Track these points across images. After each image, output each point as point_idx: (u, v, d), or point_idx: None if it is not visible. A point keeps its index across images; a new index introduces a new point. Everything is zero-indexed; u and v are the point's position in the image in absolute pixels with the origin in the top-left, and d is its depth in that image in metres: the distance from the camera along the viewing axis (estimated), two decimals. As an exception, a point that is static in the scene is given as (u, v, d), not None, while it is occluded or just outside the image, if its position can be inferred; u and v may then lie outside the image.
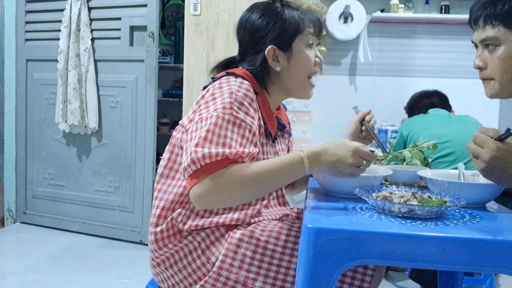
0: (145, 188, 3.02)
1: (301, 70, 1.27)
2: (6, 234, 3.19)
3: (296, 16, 1.25)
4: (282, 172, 1.06)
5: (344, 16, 3.13)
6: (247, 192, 1.06)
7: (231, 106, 1.10)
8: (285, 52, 1.25)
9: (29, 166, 3.37)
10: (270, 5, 1.28)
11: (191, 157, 1.04)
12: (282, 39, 1.24)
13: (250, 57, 1.28)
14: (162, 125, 3.73)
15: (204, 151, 1.03)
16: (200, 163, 1.03)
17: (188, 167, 1.05)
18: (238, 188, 1.05)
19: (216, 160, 1.04)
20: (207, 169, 1.04)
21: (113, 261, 2.72)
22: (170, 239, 1.17)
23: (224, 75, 1.20)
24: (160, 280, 1.23)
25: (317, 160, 1.06)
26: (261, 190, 1.09)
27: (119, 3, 3.03)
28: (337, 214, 0.97)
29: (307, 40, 1.27)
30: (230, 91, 1.13)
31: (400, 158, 1.45)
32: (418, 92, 2.67)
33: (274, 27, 1.24)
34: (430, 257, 0.83)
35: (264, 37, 1.25)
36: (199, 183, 1.04)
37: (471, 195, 1.05)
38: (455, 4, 3.24)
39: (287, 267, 1.12)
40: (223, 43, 2.64)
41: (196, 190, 1.04)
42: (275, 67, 1.25)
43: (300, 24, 1.25)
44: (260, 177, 1.05)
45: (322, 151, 1.07)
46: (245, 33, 1.29)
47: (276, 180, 1.08)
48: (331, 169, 1.07)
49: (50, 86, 3.24)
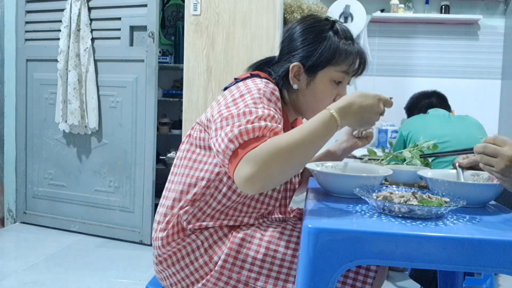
0: (145, 188, 3.02)
1: (317, 100, 1.23)
2: (6, 234, 3.20)
3: (339, 47, 1.19)
4: (318, 133, 1.03)
5: (344, 16, 3.14)
6: (292, 160, 1.00)
7: (262, 101, 1.08)
8: (308, 75, 1.21)
9: (29, 166, 3.37)
10: (321, 23, 1.23)
11: (227, 137, 1.00)
12: (309, 62, 1.20)
13: (279, 63, 1.26)
14: (162, 125, 3.73)
15: (241, 128, 1.00)
16: (238, 140, 0.99)
17: (226, 148, 1.00)
18: (284, 158, 0.98)
19: (254, 136, 1.00)
20: (247, 146, 0.99)
21: (113, 261, 2.72)
22: (173, 236, 1.17)
23: (249, 77, 1.20)
24: (162, 277, 1.24)
25: (346, 113, 1.05)
26: (304, 154, 1.02)
27: (119, 3, 3.03)
28: (337, 214, 0.97)
29: (336, 76, 1.21)
30: (258, 88, 1.11)
31: (400, 158, 1.46)
32: (417, 93, 2.68)
33: (309, 46, 1.20)
34: (430, 257, 0.83)
35: (296, 51, 1.22)
36: (242, 162, 0.98)
37: (471, 195, 1.05)
38: (455, 4, 3.25)
39: (289, 267, 1.12)
40: (223, 43, 2.64)
41: (241, 172, 0.97)
42: (293, 83, 1.23)
43: (336, 56, 1.19)
44: (300, 142, 1.00)
45: (348, 104, 1.06)
46: (285, 40, 1.27)
47: (315, 142, 1.03)
48: (359, 120, 1.07)
49: (50, 86, 3.24)
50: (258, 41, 2.61)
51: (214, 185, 1.15)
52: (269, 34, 2.60)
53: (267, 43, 2.60)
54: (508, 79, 3.22)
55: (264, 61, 1.34)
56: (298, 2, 2.99)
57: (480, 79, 3.28)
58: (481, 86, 3.29)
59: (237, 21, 2.62)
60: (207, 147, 1.18)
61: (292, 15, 2.97)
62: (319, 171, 1.16)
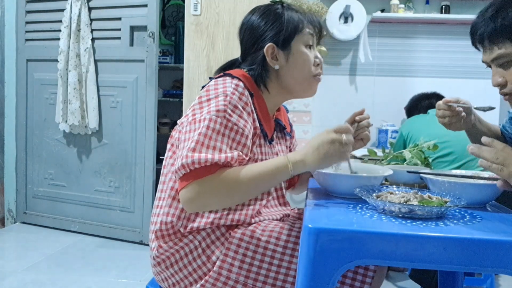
0: (145, 188, 3.02)
1: (300, 68, 1.27)
2: (7, 234, 3.20)
3: (296, 17, 1.27)
4: (267, 177, 1.10)
5: (344, 16, 3.14)
6: (232, 197, 1.11)
7: (225, 109, 1.11)
8: (284, 51, 1.26)
9: (30, 166, 3.37)
10: (271, 6, 1.31)
11: (181, 162, 1.06)
12: (280, 38, 1.25)
13: (250, 56, 1.28)
14: (162, 125, 3.73)
15: (194, 157, 1.05)
16: (190, 167, 1.06)
17: (178, 170, 1.08)
18: (224, 193, 1.09)
19: (205, 166, 1.07)
20: (196, 174, 1.07)
21: (113, 261, 2.72)
22: (170, 237, 1.17)
23: (221, 76, 1.21)
24: (160, 279, 1.24)
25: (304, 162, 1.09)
26: (246, 194, 1.13)
27: (119, 3, 3.03)
28: (338, 214, 0.97)
29: (306, 40, 1.27)
30: (225, 93, 1.13)
31: (401, 158, 1.45)
32: (417, 94, 2.68)
33: (273, 25, 1.26)
34: (431, 257, 0.83)
35: (263, 35, 1.26)
36: (187, 187, 1.07)
37: (471, 195, 1.05)
38: (455, 4, 3.24)
39: (288, 267, 1.12)
40: (223, 43, 2.64)
41: (184, 194, 1.08)
42: (274, 65, 1.26)
43: (299, 24, 1.26)
44: (245, 182, 1.09)
45: (304, 152, 1.10)
46: (246, 33, 1.30)
47: (260, 185, 1.12)
48: (321, 162, 1.08)
49: (50, 86, 3.24)
50: (258, 41, 2.60)
51: None
52: (269, 34, 2.60)
53: (267, 43, 2.60)
54: (508, 79, 3.21)
55: (228, 64, 1.36)
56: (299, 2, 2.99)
57: (480, 79, 3.27)
58: (481, 86, 3.29)
59: (237, 21, 2.62)
60: None
61: (292, 15, 2.96)
62: (319, 171, 1.16)
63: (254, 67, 1.26)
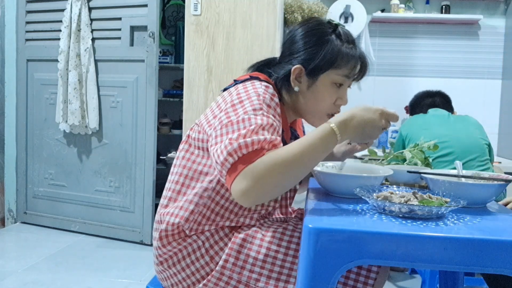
0: (145, 188, 3.02)
1: (317, 102, 1.23)
2: (7, 234, 3.20)
3: (341, 50, 1.19)
4: (317, 147, 1.03)
5: (344, 16, 3.14)
6: (289, 174, 1.01)
7: (261, 107, 1.08)
8: (309, 78, 1.21)
9: (30, 166, 3.37)
10: (323, 25, 1.23)
11: (226, 150, 1.00)
12: (311, 65, 1.19)
13: (282, 64, 1.26)
14: (162, 125, 3.73)
15: (240, 141, 1.00)
16: (237, 154, 0.99)
17: (225, 161, 1.00)
18: (281, 172, 0.99)
19: (253, 150, 1.00)
20: (245, 160, 0.99)
21: (113, 261, 2.72)
22: (174, 237, 1.17)
23: (248, 79, 1.19)
24: (163, 278, 1.24)
25: (346, 127, 1.05)
26: (302, 169, 1.03)
27: (120, 3, 3.03)
28: (338, 214, 0.97)
29: (337, 80, 1.21)
30: (257, 93, 1.11)
31: (401, 158, 1.45)
32: (422, 91, 2.67)
33: (311, 50, 1.20)
34: (431, 257, 0.83)
35: (297, 54, 1.22)
36: (239, 176, 0.98)
37: (471, 195, 1.05)
38: (455, 4, 3.25)
39: (290, 268, 1.12)
40: (224, 43, 2.64)
41: (238, 186, 0.99)
42: (295, 86, 1.22)
43: (338, 60, 1.19)
44: (298, 156, 1.01)
45: (349, 118, 1.06)
46: (287, 41, 1.27)
47: (313, 156, 1.03)
48: (360, 134, 1.07)
49: (50, 86, 3.24)
50: (258, 41, 2.61)
51: (211, 186, 1.15)
52: (269, 34, 2.60)
53: (267, 43, 2.60)
54: (509, 79, 3.22)
55: (265, 62, 1.34)
56: (299, 2, 2.99)
57: (480, 79, 3.28)
58: (482, 86, 3.29)
59: (237, 21, 2.62)
60: (205, 149, 1.17)
61: (292, 15, 2.96)
62: (319, 171, 1.16)
63: (279, 76, 1.24)
